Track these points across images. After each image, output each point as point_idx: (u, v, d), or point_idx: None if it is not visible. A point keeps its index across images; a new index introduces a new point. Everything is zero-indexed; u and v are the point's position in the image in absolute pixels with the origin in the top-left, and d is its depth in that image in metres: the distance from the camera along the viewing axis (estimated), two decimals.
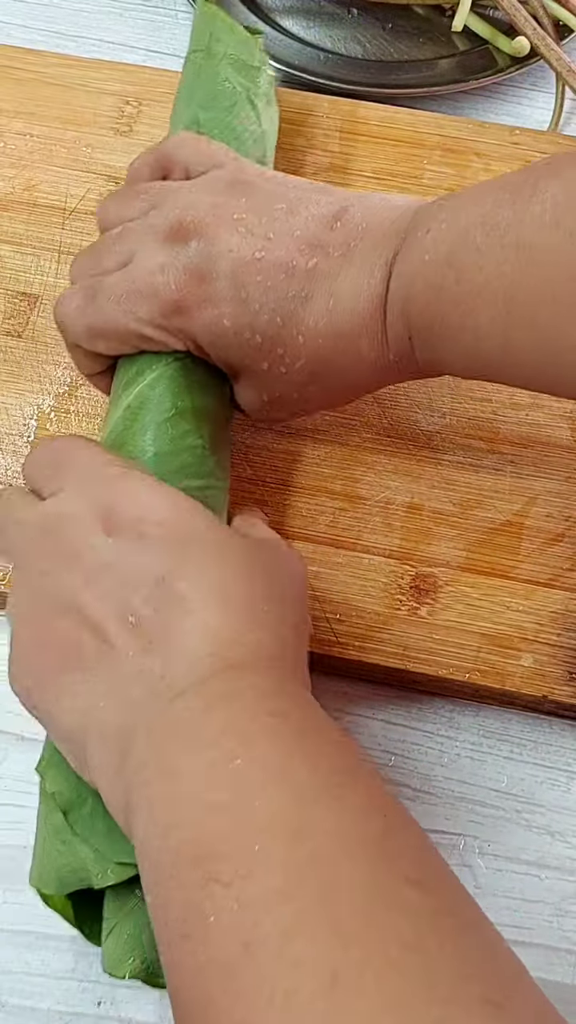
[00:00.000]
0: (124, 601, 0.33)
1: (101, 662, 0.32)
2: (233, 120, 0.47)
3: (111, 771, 0.31)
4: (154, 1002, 0.39)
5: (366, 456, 0.47)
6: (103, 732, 0.32)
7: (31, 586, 0.35)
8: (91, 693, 0.32)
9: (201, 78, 0.48)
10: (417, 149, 0.55)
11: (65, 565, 0.34)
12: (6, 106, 0.55)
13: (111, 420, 0.41)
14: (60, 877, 0.35)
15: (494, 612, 0.44)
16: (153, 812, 0.29)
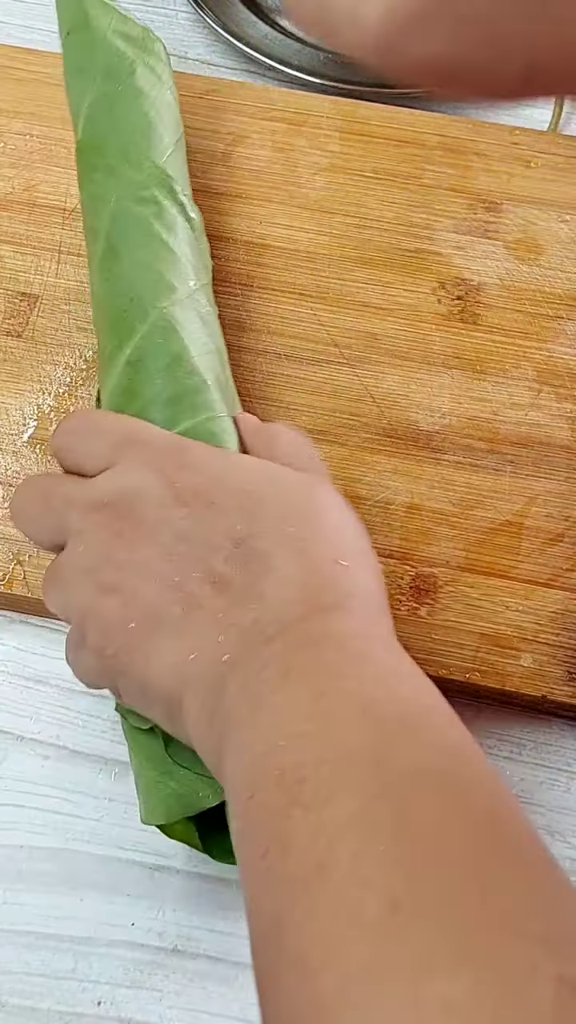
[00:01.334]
0: (206, 565, 0.34)
1: (189, 622, 0.33)
2: (143, 85, 0.47)
3: (204, 720, 0.32)
4: (154, 1002, 0.39)
5: (365, 456, 0.47)
6: (197, 684, 0.33)
7: (101, 559, 0.35)
8: (182, 649, 0.33)
9: (90, 53, 0.47)
10: (417, 149, 0.55)
11: (139, 538, 0.34)
12: (6, 106, 0.55)
13: (111, 376, 0.41)
14: (167, 806, 0.36)
15: (494, 612, 0.44)
16: (243, 746, 0.30)
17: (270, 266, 0.51)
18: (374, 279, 0.51)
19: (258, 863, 0.28)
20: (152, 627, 0.34)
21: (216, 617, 0.33)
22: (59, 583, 0.37)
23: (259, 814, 0.29)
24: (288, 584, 0.33)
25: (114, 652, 0.34)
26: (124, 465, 0.36)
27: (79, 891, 0.41)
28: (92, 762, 0.43)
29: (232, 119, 0.56)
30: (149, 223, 0.44)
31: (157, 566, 0.34)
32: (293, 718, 0.30)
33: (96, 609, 0.35)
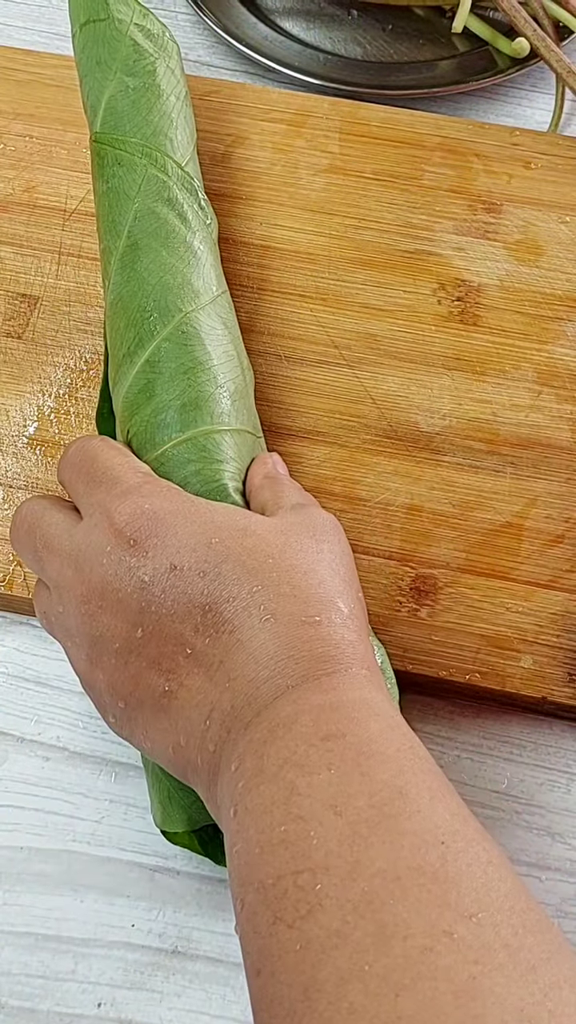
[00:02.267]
0: (178, 637, 0.32)
1: (175, 701, 0.33)
2: (164, 85, 0.47)
3: (209, 800, 0.32)
4: (154, 1004, 0.39)
5: (366, 458, 0.47)
6: (196, 770, 0.32)
7: (83, 629, 0.34)
8: (174, 731, 0.33)
9: (111, 45, 0.47)
10: (417, 150, 0.55)
11: (103, 609, 0.33)
12: (6, 108, 0.55)
13: (127, 375, 0.41)
14: (188, 815, 0.36)
15: (494, 613, 0.44)
16: (231, 851, 0.29)
17: (270, 267, 0.51)
18: (374, 280, 0.51)
19: (254, 981, 0.27)
20: (140, 706, 0.33)
21: (198, 699, 0.32)
22: (51, 626, 0.37)
23: (249, 928, 0.28)
24: (258, 659, 0.31)
25: (115, 722, 0.35)
26: (91, 520, 0.35)
27: (79, 892, 0.41)
28: (92, 763, 0.43)
29: (232, 120, 0.56)
30: (174, 225, 0.44)
31: (129, 640, 0.33)
32: (268, 823, 0.28)
33: (88, 679, 0.35)
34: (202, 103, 0.55)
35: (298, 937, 0.26)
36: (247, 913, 0.28)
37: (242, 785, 0.30)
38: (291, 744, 0.29)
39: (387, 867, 0.26)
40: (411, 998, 0.24)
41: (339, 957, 0.25)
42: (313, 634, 0.32)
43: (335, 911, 0.26)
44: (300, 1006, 0.25)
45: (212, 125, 0.55)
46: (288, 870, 0.27)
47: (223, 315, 0.44)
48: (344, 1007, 0.24)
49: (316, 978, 0.25)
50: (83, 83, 0.49)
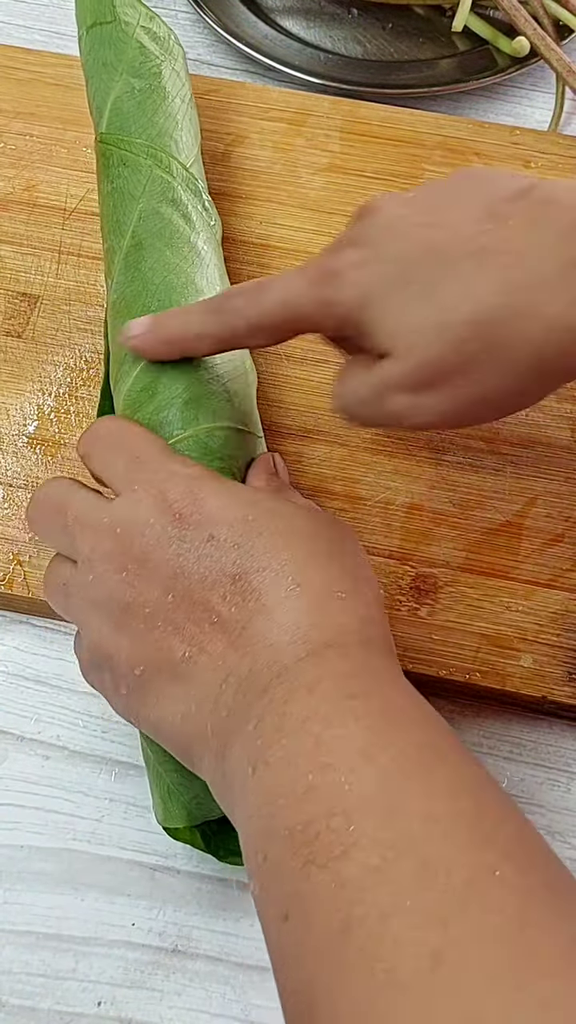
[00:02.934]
0: (205, 603, 0.33)
1: (193, 667, 0.33)
2: (170, 87, 0.48)
3: (217, 774, 0.32)
4: (154, 1002, 0.39)
5: (366, 457, 0.47)
6: (203, 736, 0.32)
7: (116, 595, 0.35)
8: (188, 698, 0.33)
9: (118, 47, 0.48)
10: (417, 149, 0.55)
11: (141, 575, 0.34)
12: (6, 106, 0.55)
13: (130, 372, 0.41)
14: (188, 810, 0.37)
15: (494, 613, 0.44)
16: (249, 808, 0.30)
17: (270, 266, 0.51)
18: None
19: (280, 927, 0.27)
20: (158, 673, 0.34)
21: (217, 664, 0.33)
22: (69, 600, 0.37)
23: (274, 875, 0.28)
24: (281, 624, 0.32)
25: (125, 695, 0.35)
26: (135, 495, 0.36)
27: (79, 891, 0.41)
28: (92, 762, 0.43)
29: (232, 119, 0.56)
30: (179, 225, 0.44)
31: (160, 606, 0.34)
32: (294, 773, 0.29)
33: (107, 650, 0.35)
34: (202, 102, 0.55)
35: (332, 878, 0.26)
36: (271, 864, 0.28)
37: (261, 742, 0.30)
38: (313, 703, 0.30)
39: (424, 810, 0.27)
40: (460, 929, 0.24)
41: (380, 893, 0.25)
42: (339, 607, 0.33)
43: (372, 849, 0.26)
44: (338, 942, 0.25)
45: (212, 124, 0.55)
46: (319, 814, 0.27)
47: None
48: (388, 939, 0.24)
49: (355, 915, 0.25)
50: (89, 84, 0.49)
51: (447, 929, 0.24)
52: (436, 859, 0.25)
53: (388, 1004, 0.23)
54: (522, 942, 0.24)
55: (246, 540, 0.34)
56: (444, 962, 0.23)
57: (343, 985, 0.24)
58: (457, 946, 0.23)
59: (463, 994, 0.23)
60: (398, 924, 0.24)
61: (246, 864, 0.30)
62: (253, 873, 0.29)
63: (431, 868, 0.25)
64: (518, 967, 0.23)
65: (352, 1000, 0.24)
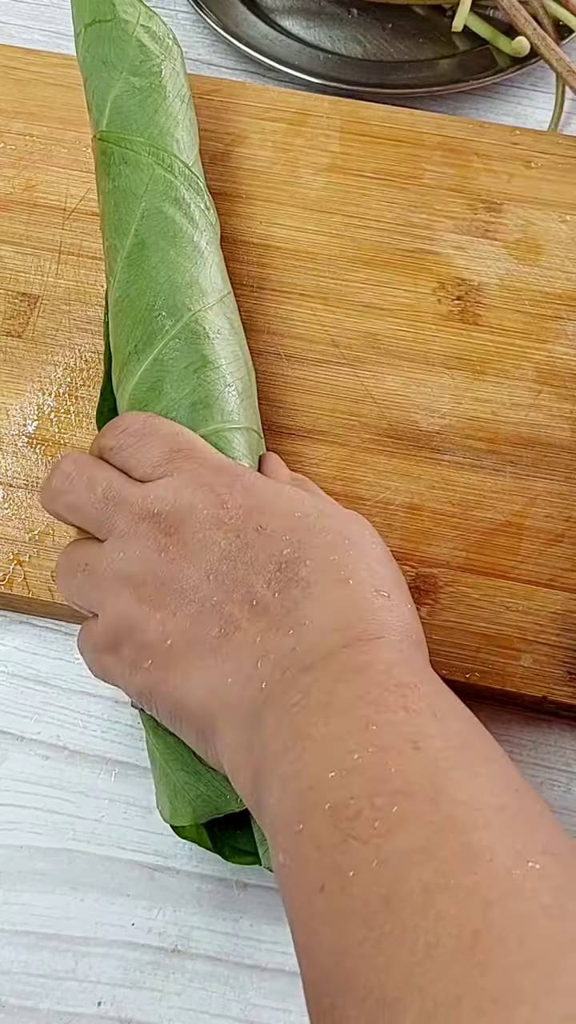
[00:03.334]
0: (247, 586, 0.34)
1: (227, 643, 0.33)
2: (169, 86, 0.48)
3: (242, 748, 0.32)
4: (154, 1002, 0.39)
5: (366, 457, 0.47)
6: (233, 709, 0.32)
7: (144, 572, 0.35)
8: (218, 671, 0.33)
9: (118, 45, 0.48)
10: (417, 149, 0.55)
11: (184, 555, 0.35)
12: (6, 106, 0.55)
13: (134, 373, 0.41)
14: (194, 808, 0.36)
15: (494, 613, 0.44)
16: (286, 778, 0.30)
17: (270, 266, 0.51)
18: (374, 279, 0.51)
19: (314, 897, 0.27)
20: (190, 646, 0.34)
21: (254, 641, 0.33)
22: (89, 578, 0.37)
23: (311, 848, 0.28)
24: (328, 612, 0.33)
25: (148, 667, 0.35)
26: (179, 479, 0.36)
27: (79, 891, 0.41)
28: (92, 762, 0.43)
29: (232, 119, 0.56)
30: (182, 224, 0.44)
31: (199, 586, 0.34)
32: (340, 750, 0.29)
33: (135, 621, 0.35)
34: (202, 102, 0.55)
35: (375, 853, 0.26)
36: (307, 835, 0.28)
37: (305, 718, 0.30)
38: (364, 685, 0.30)
39: (469, 799, 0.27)
40: (501, 912, 0.24)
41: (424, 871, 0.25)
42: (384, 604, 0.33)
43: (418, 830, 0.26)
44: (380, 915, 0.25)
45: (212, 124, 0.55)
46: (363, 793, 0.27)
47: (229, 315, 0.44)
48: (432, 914, 0.25)
49: (398, 890, 0.25)
50: (87, 82, 0.49)
51: (488, 911, 0.24)
52: (479, 845, 0.26)
53: (427, 977, 0.24)
54: (557, 930, 0.24)
55: (295, 535, 0.34)
56: (482, 941, 0.24)
57: (382, 956, 0.25)
58: (496, 928, 0.24)
59: (499, 974, 0.23)
60: (442, 901, 0.25)
61: (272, 836, 0.30)
62: (284, 846, 0.29)
63: (474, 853, 0.26)
64: (552, 953, 0.24)
65: (390, 972, 0.24)
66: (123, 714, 0.44)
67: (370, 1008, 0.24)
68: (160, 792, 0.38)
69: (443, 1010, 0.23)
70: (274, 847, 0.30)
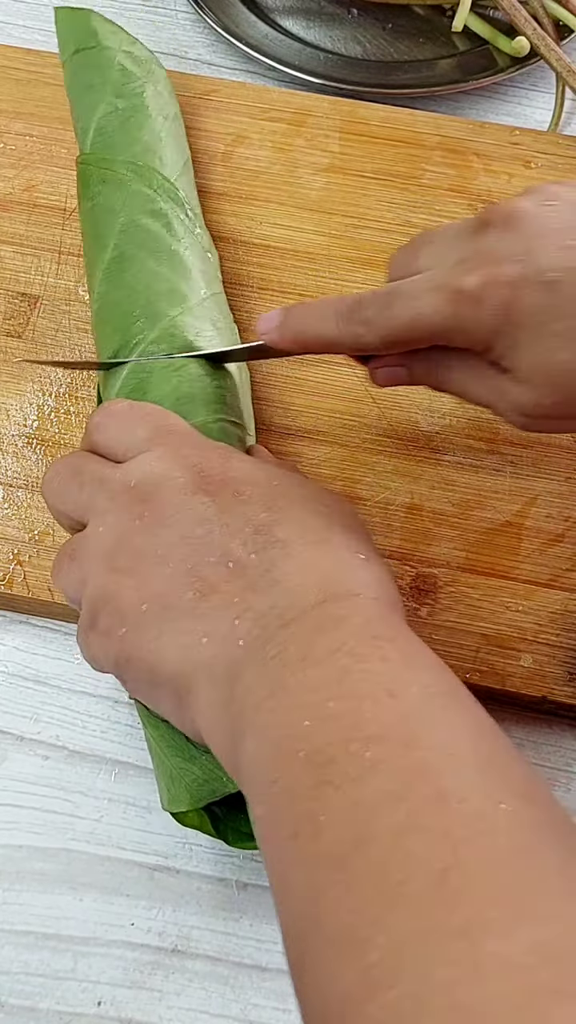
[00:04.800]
0: (224, 548, 0.34)
1: (203, 604, 0.33)
2: (152, 106, 0.49)
3: (218, 706, 0.32)
4: (154, 1002, 0.39)
5: (366, 457, 0.47)
6: (211, 667, 0.32)
7: (120, 542, 0.35)
8: (194, 632, 0.33)
9: (101, 71, 0.50)
10: (417, 149, 0.55)
11: (159, 521, 0.35)
12: (6, 106, 0.55)
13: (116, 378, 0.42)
14: (191, 793, 0.36)
15: (494, 613, 0.44)
16: (263, 729, 0.30)
17: (269, 266, 0.51)
18: (374, 279, 0.51)
19: (287, 845, 0.27)
20: (165, 609, 0.34)
21: (231, 601, 0.33)
22: (74, 562, 0.37)
23: (285, 796, 0.28)
24: (306, 570, 0.33)
25: (124, 634, 0.34)
26: (157, 452, 0.37)
27: (79, 891, 0.41)
28: (92, 762, 0.43)
29: (232, 119, 0.56)
30: (160, 234, 0.45)
31: (174, 550, 0.34)
32: (316, 699, 0.29)
33: (109, 590, 0.35)
34: (202, 102, 0.55)
35: (348, 797, 0.26)
36: (282, 786, 0.28)
37: (283, 670, 0.30)
38: (341, 637, 0.31)
39: (442, 744, 0.27)
40: (470, 850, 0.25)
41: (396, 814, 0.26)
42: (360, 565, 0.34)
43: (390, 775, 0.27)
44: (351, 858, 0.25)
45: (212, 124, 0.55)
46: (338, 739, 0.28)
47: (213, 316, 0.45)
48: (401, 854, 0.25)
49: (369, 832, 0.26)
50: (74, 107, 0.51)
51: (457, 850, 0.25)
52: (450, 788, 0.26)
53: (396, 916, 0.24)
54: (525, 867, 0.25)
55: (272, 500, 0.35)
56: (451, 878, 0.24)
57: (352, 897, 0.25)
58: (465, 865, 0.24)
59: (467, 909, 0.23)
60: (412, 842, 0.25)
61: (248, 789, 0.30)
62: (261, 798, 0.29)
63: (445, 795, 0.26)
64: (522, 886, 0.24)
65: (360, 912, 0.25)
66: (123, 714, 0.44)
67: (340, 949, 0.25)
68: (158, 780, 0.38)
69: (411, 945, 0.23)
70: (252, 800, 0.30)
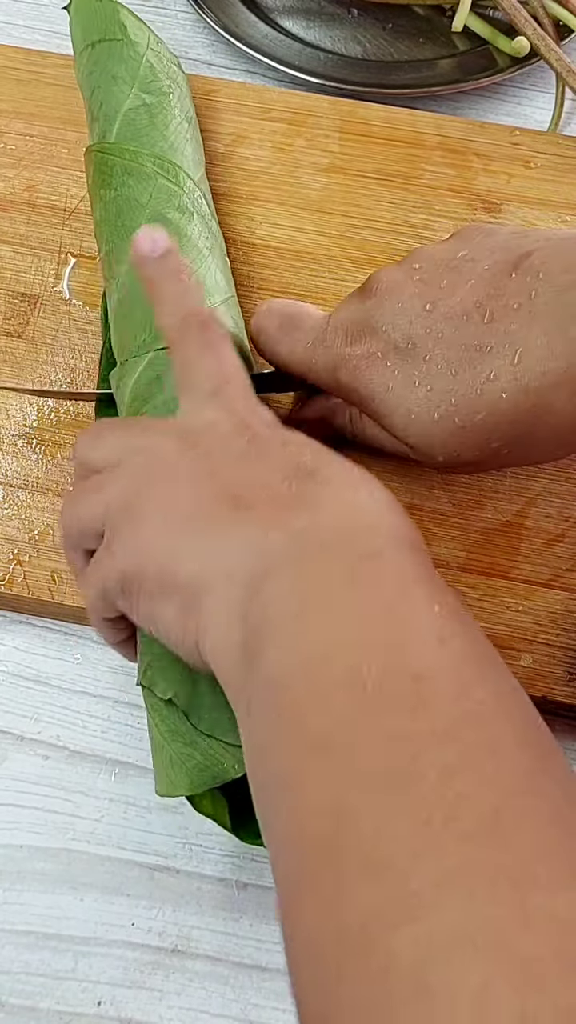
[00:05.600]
0: (263, 480, 0.33)
1: (234, 515, 0.32)
2: (177, 107, 0.49)
3: (234, 614, 0.30)
4: (154, 1002, 0.39)
5: (365, 457, 0.47)
6: (232, 573, 0.31)
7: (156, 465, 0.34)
8: (220, 538, 0.32)
9: (129, 64, 0.49)
10: (417, 149, 0.55)
11: (201, 454, 0.34)
12: (7, 107, 0.55)
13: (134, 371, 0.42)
14: (191, 778, 0.36)
15: (494, 613, 0.44)
16: (291, 643, 0.28)
17: (269, 267, 0.51)
18: None
19: (310, 758, 0.26)
20: (191, 519, 0.32)
21: (265, 516, 0.31)
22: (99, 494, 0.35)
23: (316, 710, 0.27)
24: (347, 503, 0.32)
25: (141, 542, 0.33)
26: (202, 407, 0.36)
27: (79, 891, 0.41)
28: (92, 762, 0.43)
29: (232, 119, 0.56)
30: (186, 230, 0.45)
31: (212, 475, 0.33)
32: (363, 625, 0.28)
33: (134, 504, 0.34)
34: (202, 102, 0.55)
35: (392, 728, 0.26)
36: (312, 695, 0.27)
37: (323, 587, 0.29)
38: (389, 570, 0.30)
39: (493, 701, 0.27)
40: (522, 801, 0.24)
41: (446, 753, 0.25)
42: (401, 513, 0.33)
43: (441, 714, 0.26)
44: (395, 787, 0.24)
45: (212, 124, 0.55)
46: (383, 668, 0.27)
47: (234, 316, 0.45)
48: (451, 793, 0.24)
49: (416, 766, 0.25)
50: (93, 94, 0.50)
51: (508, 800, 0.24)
52: (502, 742, 0.26)
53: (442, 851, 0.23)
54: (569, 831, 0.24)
55: (316, 452, 0.34)
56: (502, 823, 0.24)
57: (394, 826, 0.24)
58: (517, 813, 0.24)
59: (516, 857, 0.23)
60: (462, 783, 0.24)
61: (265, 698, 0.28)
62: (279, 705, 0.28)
63: (497, 747, 0.26)
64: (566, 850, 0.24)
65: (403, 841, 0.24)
66: (123, 714, 0.44)
67: (375, 873, 0.24)
68: (157, 768, 0.37)
69: (457, 880, 0.23)
70: (265, 706, 0.28)
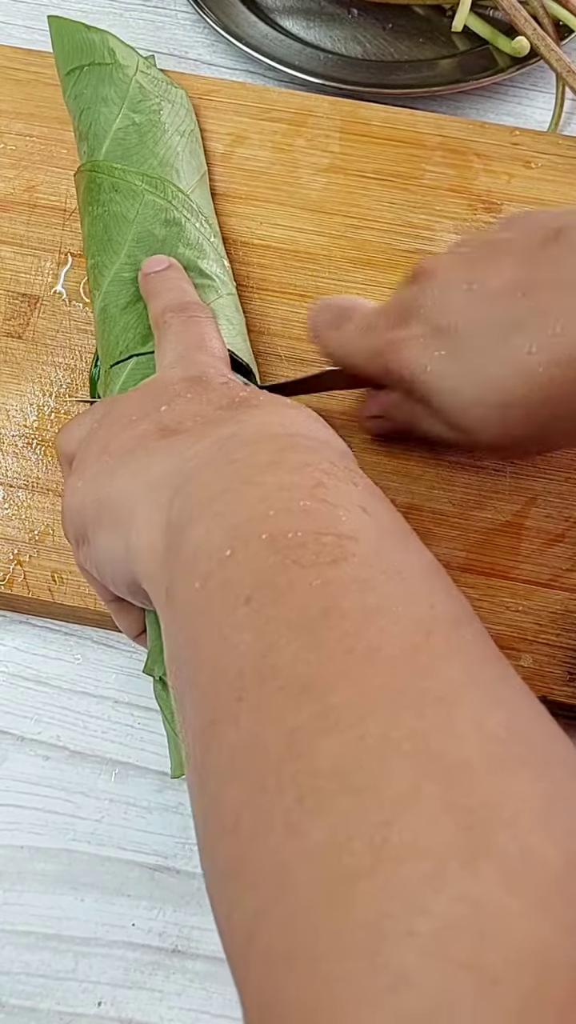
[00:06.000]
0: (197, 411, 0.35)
1: (163, 441, 0.34)
2: (168, 121, 0.51)
3: (159, 519, 0.31)
4: (155, 1002, 0.39)
5: (365, 457, 0.47)
6: (158, 483, 0.32)
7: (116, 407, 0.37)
8: (149, 460, 0.33)
9: (118, 86, 0.51)
10: (417, 149, 0.55)
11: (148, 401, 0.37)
12: (6, 107, 0.55)
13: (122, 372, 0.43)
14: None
15: (494, 612, 0.44)
16: (217, 517, 0.29)
17: (269, 267, 0.51)
18: (374, 280, 0.51)
19: (235, 609, 0.26)
20: (129, 452, 0.34)
21: (193, 434, 0.33)
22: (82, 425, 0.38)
23: (239, 569, 0.27)
24: (274, 417, 0.33)
25: (92, 473, 0.35)
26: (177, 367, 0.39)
27: (79, 891, 0.41)
28: (92, 763, 0.43)
29: (232, 119, 0.56)
30: (173, 243, 0.46)
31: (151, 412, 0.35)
32: (286, 497, 0.28)
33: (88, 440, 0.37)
34: (202, 102, 0.55)
35: (315, 575, 0.26)
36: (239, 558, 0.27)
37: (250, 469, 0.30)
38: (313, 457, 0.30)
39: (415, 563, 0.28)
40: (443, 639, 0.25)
41: (368, 596, 0.25)
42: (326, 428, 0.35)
43: (363, 568, 0.26)
44: (316, 623, 0.25)
45: (212, 124, 0.55)
46: (309, 529, 0.27)
47: (228, 314, 0.45)
48: (374, 629, 0.25)
49: (339, 606, 0.25)
50: (82, 115, 0.51)
51: (430, 637, 0.25)
52: (423, 593, 0.26)
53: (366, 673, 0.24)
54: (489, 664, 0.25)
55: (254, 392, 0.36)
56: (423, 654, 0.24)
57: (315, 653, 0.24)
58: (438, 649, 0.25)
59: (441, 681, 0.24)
60: (385, 620, 0.25)
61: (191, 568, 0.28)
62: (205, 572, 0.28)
63: (417, 597, 0.26)
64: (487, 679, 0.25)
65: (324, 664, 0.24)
66: (123, 714, 0.44)
67: (294, 693, 0.24)
68: (171, 752, 0.38)
69: (382, 696, 0.23)
70: (187, 578, 0.28)
